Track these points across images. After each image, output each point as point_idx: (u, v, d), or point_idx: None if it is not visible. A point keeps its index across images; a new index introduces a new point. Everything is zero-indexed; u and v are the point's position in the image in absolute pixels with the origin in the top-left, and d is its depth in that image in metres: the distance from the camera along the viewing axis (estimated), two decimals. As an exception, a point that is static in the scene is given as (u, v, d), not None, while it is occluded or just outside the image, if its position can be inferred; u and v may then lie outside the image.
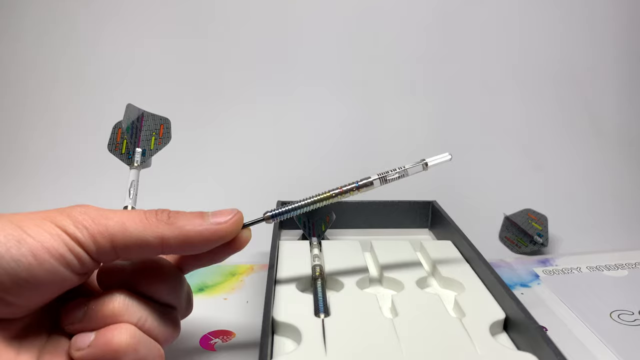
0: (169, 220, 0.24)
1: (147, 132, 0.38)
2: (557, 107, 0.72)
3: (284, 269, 0.37)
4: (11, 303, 0.22)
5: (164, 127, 0.38)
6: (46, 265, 0.21)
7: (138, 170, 0.36)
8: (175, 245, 0.24)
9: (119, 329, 0.23)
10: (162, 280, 0.26)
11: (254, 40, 0.69)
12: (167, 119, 0.38)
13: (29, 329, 0.23)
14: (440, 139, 0.70)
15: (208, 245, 0.25)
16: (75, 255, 0.22)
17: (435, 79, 0.71)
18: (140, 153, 0.37)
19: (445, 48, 0.71)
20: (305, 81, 0.70)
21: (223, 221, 0.25)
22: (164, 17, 0.68)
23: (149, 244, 0.23)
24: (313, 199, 0.31)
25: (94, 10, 0.68)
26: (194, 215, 0.25)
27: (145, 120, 0.38)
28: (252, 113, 0.70)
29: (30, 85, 0.68)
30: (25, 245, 0.21)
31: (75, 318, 0.24)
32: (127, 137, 0.37)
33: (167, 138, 0.38)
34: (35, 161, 0.67)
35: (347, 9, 0.69)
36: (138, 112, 0.38)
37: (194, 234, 0.24)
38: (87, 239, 0.22)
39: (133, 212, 0.24)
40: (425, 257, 0.41)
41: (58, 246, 0.22)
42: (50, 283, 0.22)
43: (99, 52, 0.68)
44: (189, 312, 0.29)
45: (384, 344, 0.28)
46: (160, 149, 0.37)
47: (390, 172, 0.33)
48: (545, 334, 0.27)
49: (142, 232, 0.23)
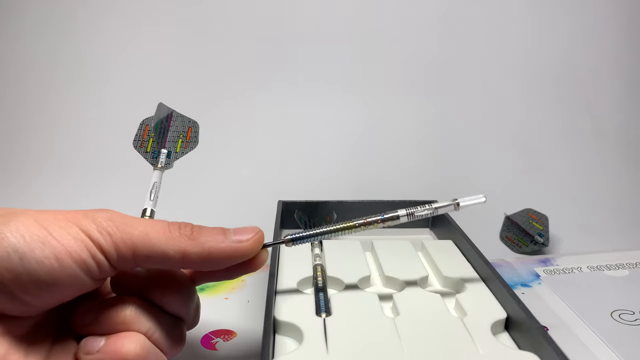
0: (192, 236, 0.24)
1: (175, 134, 0.37)
2: (558, 107, 0.72)
3: (285, 269, 0.37)
4: (27, 302, 0.22)
5: (192, 131, 0.37)
6: (67, 269, 0.21)
7: (161, 172, 0.35)
8: (196, 261, 0.24)
9: (129, 337, 0.23)
10: (175, 291, 0.26)
11: (254, 40, 0.69)
12: (195, 122, 0.37)
13: (39, 328, 0.23)
14: (441, 139, 0.70)
15: (228, 263, 0.25)
16: (96, 261, 0.22)
17: (436, 79, 0.71)
18: (166, 154, 0.36)
19: (445, 48, 0.71)
20: (306, 81, 0.70)
21: (245, 239, 0.25)
22: (165, 18, 0.68)
23: (170, 257, 0.23)
24: (335, 227, 0.31)
25: (95, 10, 0.68)
26: (216, 232, 0.25)
27: (173, 121, 0.37)
28: (253, 113, 0.70)
29: (30, 85, 0.68)
30: (50, 247, 0.21)
31: (87, 320, 0.24)
32: (154, 136, 0.36)
33: (195, 142, 0.37)
34: (37, 161, 0.67)
35: (349, 9, 0.69)
36: (168, 111, 0.38)
37: (216, 251, 0.24)
38: (109, 246, 0.22)
39: (157, 223, 0.24)
40: (427, 256, 0.41)
41: (81, 251, 0.21)
42: (68, 286, 0.22)
43: (99, 52, 0.68)
44: (196, 324, 0.29)
45: (385, 344, 0.28)
46: (186, 153, 0.37)
47: (419, 207, 0.32)
48: (546, 334, 0.27)
49: (164, 245, 0.23)
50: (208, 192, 0.64)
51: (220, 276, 0.27)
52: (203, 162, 0.67)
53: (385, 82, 0.71)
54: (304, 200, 0.50)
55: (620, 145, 0.72)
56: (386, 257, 0.39)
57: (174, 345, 0.26)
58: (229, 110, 0.69)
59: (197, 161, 0.67)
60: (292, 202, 0.49)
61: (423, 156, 0.69)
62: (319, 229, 0.31)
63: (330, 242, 0.42)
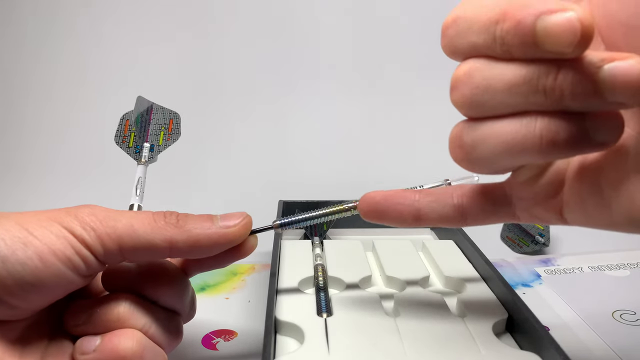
0: (178, 224, 0.24)
1: (156, 127, 0.36)
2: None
3: (286, 269, 0.37)
4: (15, 306, 0.21)
5: (173, 122, 0.37)
6: (52, 268, 0.21)
7: (145, 167, 0.35)
8: (183, 249, 0.24)
9: (125, 335, 0.23)
10: (168, 284, 0.26)
11: (254, 39, 0.69)
12: (176, 113, 0.37)
13: (32, 330, 0.23)
14: (441, 139, 0.70)
15: (216, 249, 0.25)
16: (82, 258, 0.22)
17: (436, 79, 0.71)
18: (148, 148, 0.35)
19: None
20: (306, 81, 0.70)
21: (232, 224, 0.25)
22: (166, 18, 0.68)
23: (157, 247, 0.23)
24: (325, 211, 0.30)
25: (95, 10, 0.68)
26: (202, 218, 0.24)
27: (154, 114, 0.37)
28: (253, 113, 0.70)
29: (31, 85, 0.68)
30: (32, 247, 0.21)
31: (80, 320, 0.24)
32: (135, 131, 0.36)
33: (177, 134, 0.36)
34: (38, 160, 0.67)
35: (349, 7, 0.69)
36: (147, 104, 0.37)
37: (203, 237, 0.24)
38: (94, 240, 0.22)
39: (141, 213, 0.24)
40: (428, 256, 0.41)
41: (64, 248, 0.21)
42: (55, 285, 0.22)
43: (100, 51, 0.68)
44: (192, 316, 0.29)
45: (387, 344, 0.28)
46: (169, 146, 0.36)
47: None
48: (548, 334, 0.27)
49: (150, 235, 0.23)
50: (208, 192, 0.64)
51: (210, 264, 0.27)
52: (203, 162, 0.67)
53: (385, 82, 0.71)
54: (304, 200, 0.50)
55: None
56: (387, 257, 0.39)
57: (171, 339, 0.26)
58: (228, 110, 0.69)
59: (197, 161, 0.67)
60: (293, 202, 0.49)
61: (423, 156, 0.69)
62: (307, 213, 0.30)
63: (332, 242, 0.42)
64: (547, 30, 0.16)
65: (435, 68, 0.71)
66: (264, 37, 0.69)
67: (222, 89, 0.69)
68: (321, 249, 0.40)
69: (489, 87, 0.18)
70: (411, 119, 0.71)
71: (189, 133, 0.67)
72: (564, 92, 0.17)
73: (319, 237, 0.43)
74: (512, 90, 0.18)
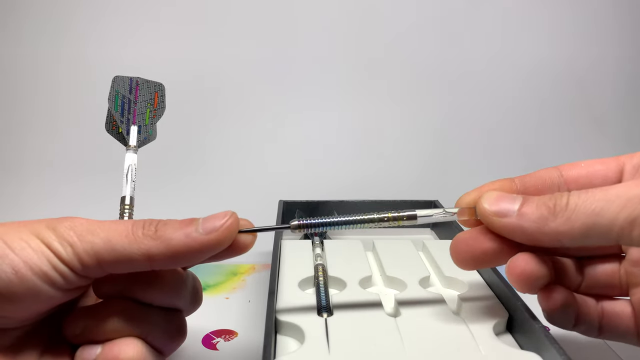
0: (156, 234, 0.22)
1: (143, 105, 0.32)
2: (559, 106, 0.72)
3: (286, 269, 0.37)
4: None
5: (158, 96, 0.33)
6: (28, 282, 0.21)
7: (135, 152, 0.32)
8: (162, 261, 0.22)
9: (125, 344, 0.23)
10: (161, 286, 0.25)
11: (254, 40, 0.69)
12: (161, 84, 0.33)
13: (28, 337, 0.23)
14: (441, 139, 0.70)
15: (200, 257, 0.23)
16: (59, 273, 0.21)
17: (435, 79, 0.71)
18: (136, 131, 0.32)
19: (445, 48, 0.71)
20: (307, 81, 0.70)
21: (215, 228, 0.23)
22: (165, 18, 0.68)
23: (136, 260, 0.22)
24: (347, 219, 0.28)
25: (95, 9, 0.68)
26: (183, 224, 0.23)
27: (140, 90, 0.33)
28: (253, 112, 0.70)
29: (30, 84, 0.68)
30: (7, 260, 0.20)
31: (77, 329, 0.23)
32: (117, 116, 0.32)
33: (162, 108, 0.33)
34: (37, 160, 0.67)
35: (350, 10, 0.69)
36: (130, 82, 0.33)
37: (182, 248, 0.22)
38: (71, 256, 0.21)
39: (121, 224, 0.23)
40: (428, 256, 0.41)
41: (41, 263, 0.21)
42: (31, 299, 0.21)
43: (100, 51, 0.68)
44: (197, 307, 0.27)
45: (387, 344, 0.28)
46: (155, 123, 0.32)
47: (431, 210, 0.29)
48: (548, 334, 0.27)
49: (127, 248, 0.22)
50: (208, 192, 0.64)
51: (204, 260, 0.25)
52: (203, 162, 0.67)
53: (385, 82, 0.71)
54: (305, 200, 0.50)
55: (622, 145, 0.72)
56: (387, 257, 0.39)
57: (173, 339, 0.25)
58: (228, 109, 0.69)
59: (197, 161, 0.67)
60: (293, 202, 0.49)
61: (423, 156, 0.69)
62: (328, 219, 0.28)
63: (332, 242, 0.42)
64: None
65: (435, 70, 0.71)
66: (264, 37, 0.69)
67: (222, 88, 0.69)
68: (321, 248, 0.40)
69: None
70: (411, 119, 0.71)
71: (189, 133, 0.67)
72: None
73: (319, 237, 0.43)
74: None
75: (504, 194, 0.25)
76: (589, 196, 0.22)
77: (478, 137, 0.71)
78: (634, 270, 0.27)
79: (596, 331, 0.27)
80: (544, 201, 0.24)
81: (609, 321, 0.27)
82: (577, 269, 0.28)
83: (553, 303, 0.25)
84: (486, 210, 0.25)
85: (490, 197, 0.25)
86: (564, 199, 0.23)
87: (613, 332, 0.27)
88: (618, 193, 0.22)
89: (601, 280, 0.27)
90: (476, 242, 0.26)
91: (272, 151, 0.69)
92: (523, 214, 0.24)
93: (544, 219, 0.23)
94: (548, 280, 0.25)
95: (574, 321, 0.26)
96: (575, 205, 0.22)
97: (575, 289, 0.27)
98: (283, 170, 0.67)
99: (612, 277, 0.27)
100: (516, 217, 0.24)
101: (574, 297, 0.26)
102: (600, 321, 0.27)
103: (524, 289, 0.25)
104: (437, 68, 0.71)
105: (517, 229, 0.24)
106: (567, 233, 0.23)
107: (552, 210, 0.23)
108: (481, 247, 0.26)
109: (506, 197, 0.25)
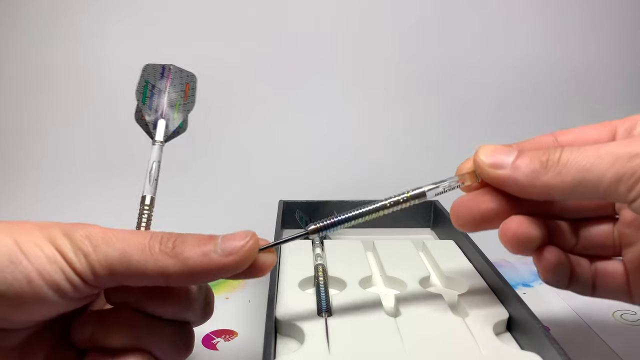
0: (173, 251, 0.22)
1: (173, 96, 0.30)
2: (558, 107, 0.72)
3: (287, 269, 0.37)
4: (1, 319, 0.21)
5: (189, 88, 0.31)
6: (37, 290, 0.20)
7: (161, 147, 0.29)
8: (179, 280, 0.22)
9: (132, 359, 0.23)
10: (173, 301, 0.24)
11: (254, 40, 0.69)
12: (193, 75, 0.31)
13: (35, 338, 0.23)
14: (441, 139, 0.70)
15: (216, 278, 0.23)
16: (70, 283, 0.21)
17: (435, 80, 0.71)
18: (164, 125, 0.30)
19: (444, 48, 0.71)
20: (307, 81, 0.70)
21: (235, 250, 0.22)
22: (165, 18, 0.68)
23: (150, 276, 0.21)
24: (361, 211, 0.27)
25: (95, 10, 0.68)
26: (202, 243, 0.22)
27: (172, 79, 0.31)
28: (253, 113, 0.70)
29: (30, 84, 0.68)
30: (20, 267, 0.20)
31: (85, 334, 0.23)
32: (145, 108, 0.29)
33: (191, 102, 0.30)
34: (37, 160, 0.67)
35: (349, 9, 0.69)
36: (162, 69, 0.30)
37: (199, 268, 0.22)
38: (85, 267, 0.21)
39: (137, 237, 0.22)
40: (428, 256, 0.41)
41: (54, 273, 0.20)
42: (39, 308, 0.21)
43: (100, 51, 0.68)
44: (207, 319, 0.27)
45: (387, 344, 0.28)
46: (185, 117, 0.30)
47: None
48: (549, 334, 0.27)
49: (143, 264, 0.21)
50: (208, 192, 0.64)
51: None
52: (203, 162, 0.67)
53: (385, 82, 0.71)
54: (305, 200, 0.50)
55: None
56: (388, 257, 0.39)
57: (180, 352, 0.25)
58: (229, 110, 0.69)
59: (197, 161, 0.67)
60: (293, 202, 0.49)
61: (423, 156, 0.69)
62: (342, 216, 0.27)
63: (332, 242, 0.42)
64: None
65: (435, 68, 0.71)
66: (264, 37, 0.69)
67: (222, 88, 0.69)
68: (321, 248, 0.40)
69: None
70: (412, 119, 0.71)
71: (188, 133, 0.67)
72: None
73: (319, 236, 0.43)
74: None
75: (500, 147, 0.26)
76: (581, 152, 0.23)
77: (478, 136, 0.71)
78: (626, 231, 0.27)
79: (590, 290, 0.28)
80: (538, 155, 0.24)
81: (602, 280, 0.27)
82: (572, 230, 0.28)
83: (547, 263, 0.26)
84: (482, 161, 0.26)
85: (487, 150, 0.26)
86: (556, 154, 0.23)
87: (606, 291, 0.27)
88: (608, 151, 0.22)
89: (595, 241, 0.28)
90: (475, 203, 0.27)
91: (272, 151, 0.69)
92: (517, 167, 0.24)
93: (536, 172, 0.24)
94: (541, 242, 0.26)
95: (568, 281, 0.27)
96: (567, 161, 0.23)
97: (570, 250, 0.27)
98: (283, 171, 0.67)
99: (605, 238, 0.28)
100: (510, 169, 0.25)
101: (568, 258, 0.27)
102: (594, 280, 0.27)
103: (517, 250, 0.26)
104: (436, 68, 0.71)
105: (510, 181, 0.25)
106: (557, 187, 0.23)
107: (545, 164, 0.24)
108: (480, 208, 0.26)
109: (502, 150, 0.26)
